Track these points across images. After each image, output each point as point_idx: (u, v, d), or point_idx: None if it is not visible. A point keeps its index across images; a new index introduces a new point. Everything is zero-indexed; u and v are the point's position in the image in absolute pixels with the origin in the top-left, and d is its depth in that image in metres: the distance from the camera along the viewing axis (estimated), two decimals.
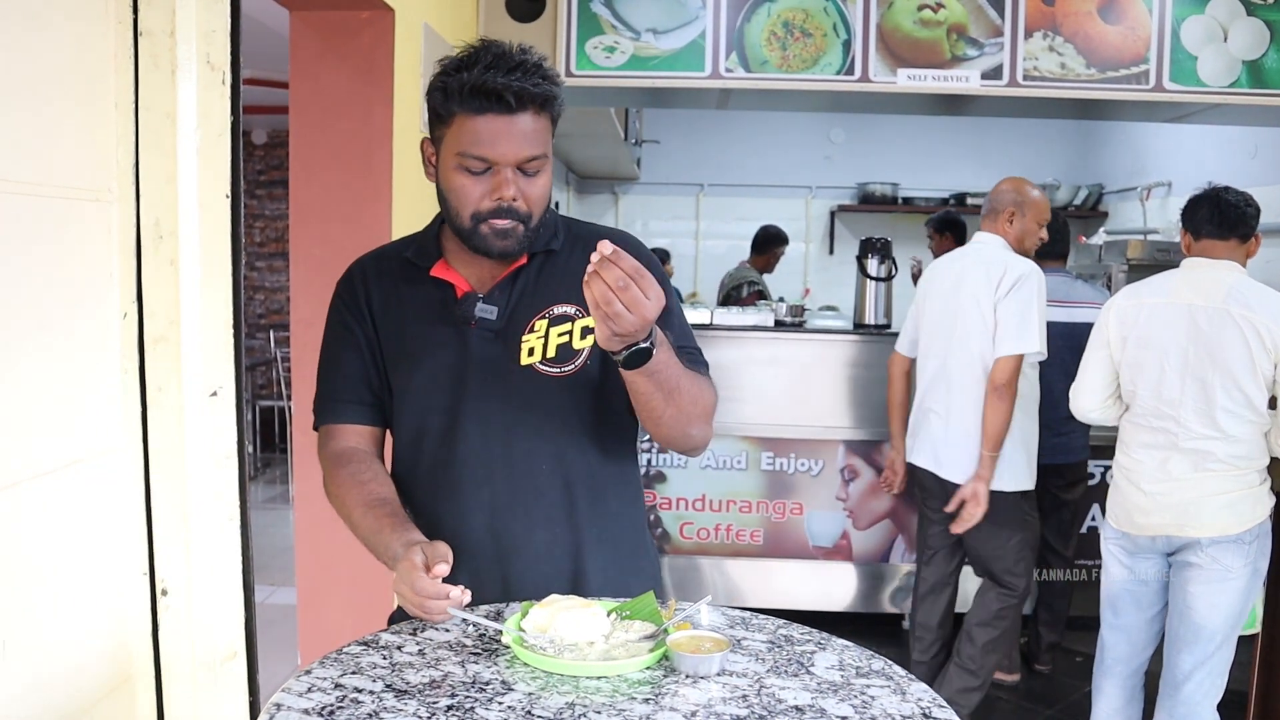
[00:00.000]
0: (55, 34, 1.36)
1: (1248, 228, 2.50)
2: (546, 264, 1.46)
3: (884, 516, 4.00)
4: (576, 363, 1.43)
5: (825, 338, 4.00)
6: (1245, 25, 3.42)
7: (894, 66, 3.46)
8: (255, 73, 5.27)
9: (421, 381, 1.45)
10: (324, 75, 2.58)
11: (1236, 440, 2.41)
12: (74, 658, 1.42)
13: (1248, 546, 2.41)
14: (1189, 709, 2.49)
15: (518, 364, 1.42)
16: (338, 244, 2.61)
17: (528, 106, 1.33)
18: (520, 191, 1.36)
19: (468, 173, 1.36)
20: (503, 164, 1.35)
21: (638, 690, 1.10)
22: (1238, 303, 2.40)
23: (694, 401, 1.39)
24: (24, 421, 1.31)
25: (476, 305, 1.42)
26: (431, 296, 1.46)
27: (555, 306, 1.44)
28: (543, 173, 1.39)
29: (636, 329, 1.20)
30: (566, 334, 1.43)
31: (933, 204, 6.39)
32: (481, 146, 1.34)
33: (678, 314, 1.52)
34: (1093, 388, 2.65)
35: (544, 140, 1.37)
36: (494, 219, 1.36)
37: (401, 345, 1.47)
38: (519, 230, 1.38)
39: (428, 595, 1.22)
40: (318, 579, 2.72)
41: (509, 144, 1.34)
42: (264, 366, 7.22)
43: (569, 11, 3.44)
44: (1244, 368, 2.37)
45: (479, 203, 1.36)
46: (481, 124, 1.33)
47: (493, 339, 1.43)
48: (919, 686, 1.13)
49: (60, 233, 1.39)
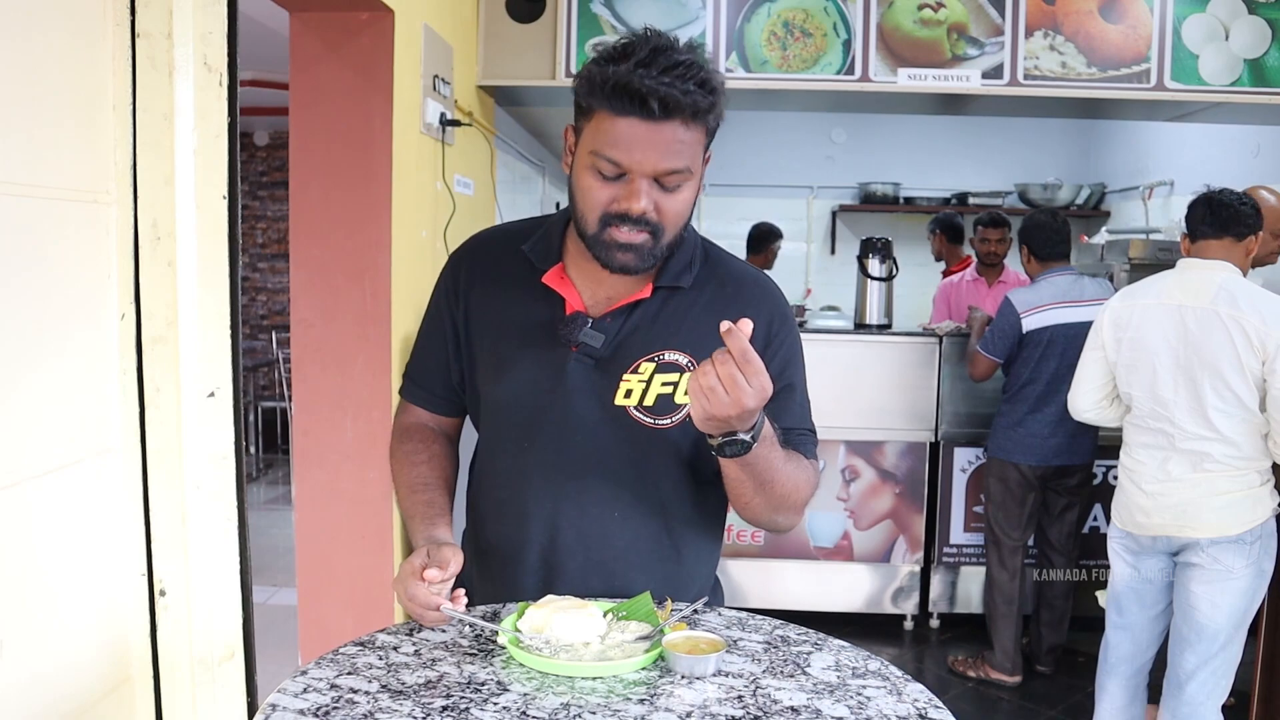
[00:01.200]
0: (52, 36, 1.36)
1: (1243, 226, 2.49)
2: (670, 301, 1.34)
3: (885, 517, 3.99)
4: (674, 418, 1.32)
5: (826, 338, 4.00)
6: (1246, 24, 3.41)
7: (894, 66, 3.45)
8: (256, 74, 5.28)
9: (505, 395, 1.36)
10: (324, 76, 2.58)
11: (1232, 441, 2.40)
12: (72, 658, 1.42)
13: (1249, 547, 2.41)
14: (1192, 709, 2.48)
15: (611, 402, 1.32)
16: (338, 245, 2.61)
17: (675, 115, 1.19)
18: (655, 205, 1.23)
19: (599, 175, 1.24)
20: (638, 173, 1.22)
21: (633, 691, 1.10)
22: (1225, 303, 2.40)
23: (788, 495, 1.29)
24: (22, 422, 1.32)
25: (583, 329, 1.31)
26: (537, 306, 1.35)
27: (667, 352, 1.32)
28: (685, 188, 1.25)
29: (731, 415, 1.10)
30: (671, 385, 1.32)
31: (934, 204, 6.38)
32: (618, 150, 1.21)
33: (800, 390, 1.41)
34: (1088, 388, 2.69)
35: (691, 153, 1.23)
36: (621, 225, 1.23)
37: (493, 350, 1.37)
38: (647, 244, 1.25)
39: (418, 603, 1.22)
40: (318, 580, 2.72)
41: (648, 153, 1.20)
42: (266, 367, 7.23)
43: (569, 12, 3.44)
44: (1232, 367, 2.37)
45: (608, 205, 1.24)
46: (621, 126, 1.20)
47: (591, 367, 1.32)
48: (915, 687, 1.13)
49: (58, 234, 1.39)
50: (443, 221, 2.98)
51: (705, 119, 1.23)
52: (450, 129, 3.01)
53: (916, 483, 3.97)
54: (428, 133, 2.85)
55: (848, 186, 6.74)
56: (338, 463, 2.56)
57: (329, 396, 2.56)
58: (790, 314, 1.43)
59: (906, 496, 3.97)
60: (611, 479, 1.35)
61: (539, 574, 1.38)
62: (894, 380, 3.93)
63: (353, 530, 2.55)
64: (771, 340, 1.38)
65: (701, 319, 1.33)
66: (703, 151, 1.27)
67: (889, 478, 3.97)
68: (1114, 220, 6.15)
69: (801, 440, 1.38)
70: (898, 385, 3.93)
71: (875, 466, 3.96)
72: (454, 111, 3.10)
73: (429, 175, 2.90)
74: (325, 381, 2.58)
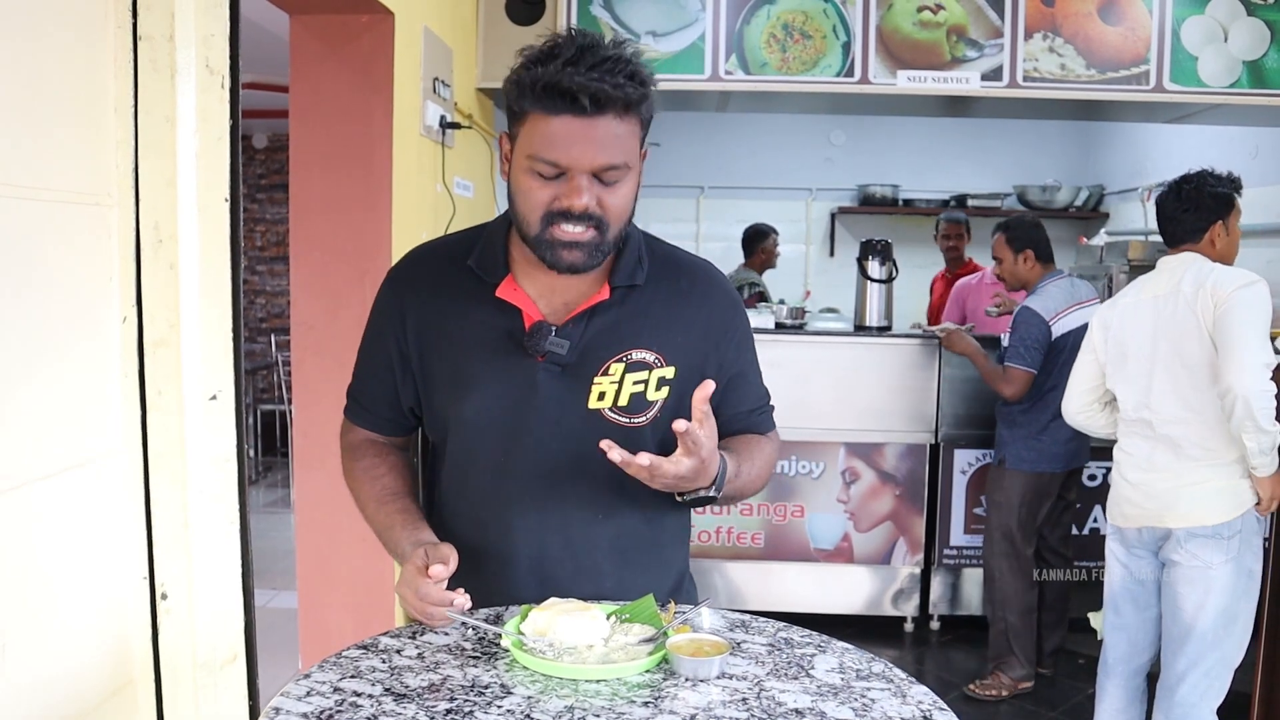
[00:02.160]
0: (55, 39, 1.36)
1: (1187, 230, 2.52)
2: (628, 299, 1.35)
3: (885, 519, 3.99)
4: (649, 415, 1.35)
5: (826, 340, 3.99)
6: (1245, 25, 3.42)
7: (894, 68, 3.46)
8: (256, 77, 5.28)
9: (475, 413, 1.35)
10: (324, 79, 2.59)
11: (1209, 424, 2.41)
12: (74, 661, 1.42)
13: (1226, 542, 2.41)
14: (1185, 711, 2.48)
15: (585, 406, 1.33)
16: (338, 248, 2.61)
17: (608, 109, 1.20)
18: (597, 200, 1.23)
19: (539, 177, 1.23)
20: (577, 170, 1.22)
21: (637, 693, 1.10)
22: (1189, 282, 2.46)
23: (754, 488, 1.40)
24: (24, 426, 1.31)
25: (548, 339, 1.30)
26: (494, 320, 1.33)
27: (634, 351, 1.33)
28: (624, 183, 1.25)
29: (693, 485, 1.22)
30: (642, 383, 1.33)
31: (934, 205, 6.38)
32: (554, 150, 1.21)
33: (754, 370, 1.46)
34: (1077, 390, 2.74)
35: (627, 147, 1.23)
36: (564, 223, 1.23)
37: (453, 369, 1.35)
38: (594, 240, 1.25)
39: (431, 601, 1.22)
40: (319, 583, 2.72)
41: (585, 149, 1.20)
42: (265, 370, 7.22)
43: (568, 14, 3.44)
44: (1195, 338, 2.42)
45: (549, 204, 1.24)
46: (555, 125, 1.20)
47: (559, 374, 1.32)
48: (919, 689, 1.13)
49: (60, 237, 1.39)
50: (443, 224, 2.98)
51: (638, 110, 1.24)
52: (450, 131, 3.01)
53: (916, 484, 3.97)
54: (428, 135, 2.85)
55: (847, 188, 6.74)
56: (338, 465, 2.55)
57: (329, 399, 2.55)
58: (739, 298, 1.48)
59: (906, 498, 3.97)
60: (592, 482, 1.35)
61: (529, 586, 1.37)
62: (894, 382, 3.93)
63: (353, 533, 2.54)
64: (728, 327, 1.42)
65: (663, 314, 1.35)
66: (639, 146, 1.27)
67: (889, 480, 3.97)
68: (1113, 222, 6.16)
69: (761, 419, 1.47)
70: (897, 387, 3.93)
71: (875, 468, 3.96)
72: (454, 114, 3.10)
73: (429, 177, 2.90)
74: (325, 384, 2.58)
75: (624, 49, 1.23)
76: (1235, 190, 2.56)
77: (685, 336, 1.37)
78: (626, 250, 1.35)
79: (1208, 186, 2.53)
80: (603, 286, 1.34)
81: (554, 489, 1.36)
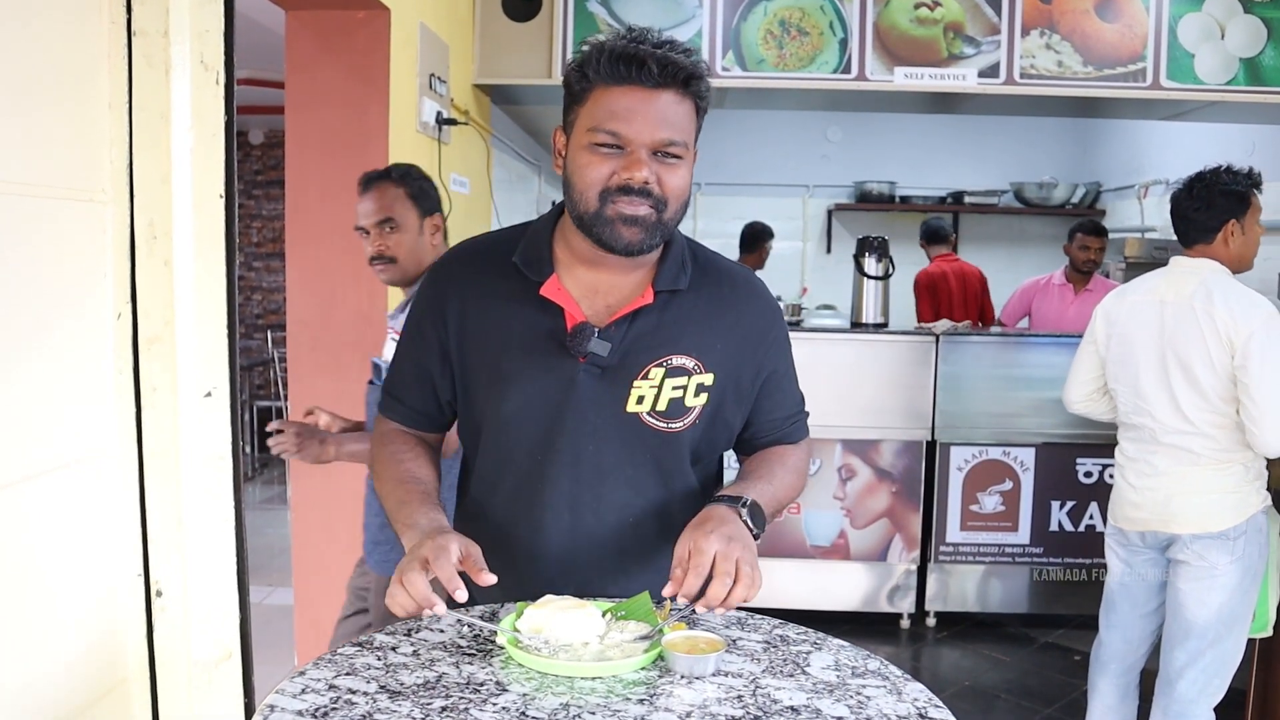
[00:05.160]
0: (48, 34, 1.35)
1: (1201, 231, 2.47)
2: (670, 305, 1.35)
3: (881, 516, 4.00)
4: (686, 420, 1.35)
5: (822, 336, 3.99)
6: (1242, 23, 3.42)
7: (891, 65, 3.45)
8: (252, 73, 5.27)
9: (513, 412, 1.35)
10: (320, 74, 2.58)
11: (1208, 435, 2.41)
12: (68, 659, 1.42)
13: (1233, 543, 2.41)
14: (1183, 707, 2.49)
15: (624, 410, 1.32)
16: (334, 245, 2.61)
17: (671, 84, 1.23)
18: (656, 178, 1.25)
19: (599, 150, 1.25)
20: (638, 143, 1.24)
21: (633, 691, 1.10)
22: (1201, 298, 2.41)
23: (789, 495, 1.40)
24: (17, 423, 1.31)
25: (591, 339, 1.30)
26: (536, 318, 1.33)
27: (674, 356, 1.33)
28: (682, 166, 1.27)
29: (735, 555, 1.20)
30: (681, 389, 1.33)
31: (930, 203, 6.39)
32: (617, 121, 1.23)
33: (790, 377, 1.47)
34: (1079, 380, 2.74)
35: (686, 127, 1.27)
36: (624, 198, 1.24)
37: (494, 366, 1.35)
38: (650, 218, 1.26)
39: (416, 594, 1.16)
40: (314, 580, 2.72)
41: (647, 122, 1.23)
42: (261, 367, 7.21)
43: (565, 11, 3.44)
44: (1201, 361, 2.39)
45: (608, 180, 1.25)
46: (620, 95, 1.23)
47: (599, 376, 1.32)
48: (915, 686, 1.13)
49: (54, 233, 1.38)
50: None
51: (696, 89, 1.26)
52: (446, 128, 3.01)
53: (913, 481, 3.98)
54: (424, 131, 2.84)
55: (843, 185, 6.74)
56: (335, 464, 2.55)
57: (325, 396, 2.55)
58: (778, 307, 1.50)
59: (903, 495, 3.98)
60: (627, 485, 1.36)
61: (558, 586, 1.35)
62: (890, 379, 3.93)
63: (348, 530, 2.54)
64: (766, 335, 1.42)
65: (704, 321, 1.36)
66: (694, 135, 1.29)
67: (885, 476, 3.98)
68: (1110, 219, 6.16)
69: (794, 427, 1.47)
70: (894, 384, 3.94)
71: (871, 465, 3.96)
72: (450, 110, 3.09)
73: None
74: (321, 381, 2.58)
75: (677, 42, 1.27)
76: (1254, 186, 2.48)
77: (725, 344, 1.37)
78: (670, 254, 1.36)
79: (1220, 184, 2.46)
80: (646, 290, 1.34)
81: (588, 490, 1.35)
